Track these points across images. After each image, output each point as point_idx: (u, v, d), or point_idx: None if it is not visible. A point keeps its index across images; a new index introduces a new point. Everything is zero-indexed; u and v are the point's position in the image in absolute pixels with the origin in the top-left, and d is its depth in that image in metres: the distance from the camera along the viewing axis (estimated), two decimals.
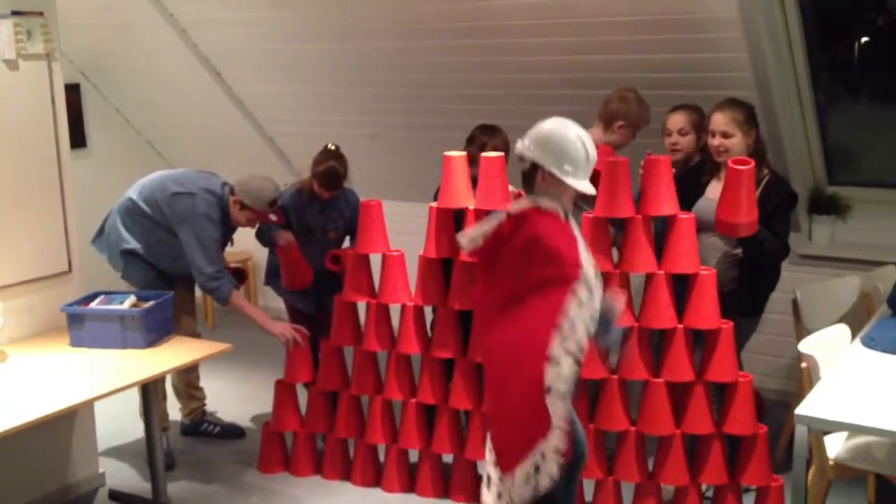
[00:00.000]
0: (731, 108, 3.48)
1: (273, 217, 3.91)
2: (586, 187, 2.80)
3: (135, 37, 5.38)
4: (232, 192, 3.90)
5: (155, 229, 3.90)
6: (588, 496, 3.58)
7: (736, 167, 3.21)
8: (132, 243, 3.93)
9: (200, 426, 4.36)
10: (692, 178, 3.63)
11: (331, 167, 3.93)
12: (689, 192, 3.53)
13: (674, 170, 3.39)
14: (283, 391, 3.96)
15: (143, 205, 3.91)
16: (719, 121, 3.47)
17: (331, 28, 4.69)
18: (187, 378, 4.25)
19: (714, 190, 3.54)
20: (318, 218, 4.08)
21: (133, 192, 3.97)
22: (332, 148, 4.02)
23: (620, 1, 3.83)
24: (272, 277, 4.23)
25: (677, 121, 3.78)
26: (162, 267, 3.96)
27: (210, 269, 3.80)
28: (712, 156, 3.54)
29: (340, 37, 4.72)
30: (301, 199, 4.08)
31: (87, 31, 5.39)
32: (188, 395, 4.30)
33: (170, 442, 4.17)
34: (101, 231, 4.08)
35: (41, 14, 3.56)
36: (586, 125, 3.69)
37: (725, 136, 3.46)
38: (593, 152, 2.82)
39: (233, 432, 4.39)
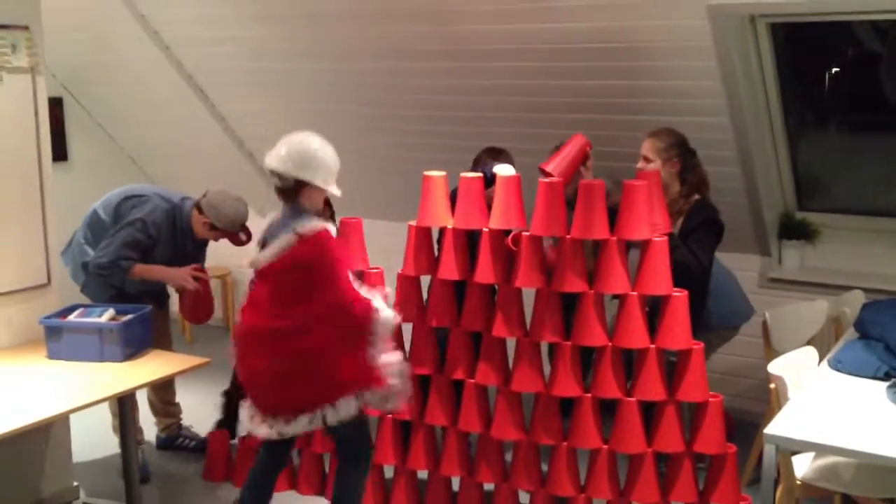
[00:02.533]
0: (656, 136, 3.73)
1: (243, 237, 3.94)
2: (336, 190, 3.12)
3: (118, 52, 5.41)
4: (199, 211, 3.92)
5: None
6: None
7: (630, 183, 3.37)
8: (90, 256, 3.94)
9: (176, 441, 4.36)
10: None
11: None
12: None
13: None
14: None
15: (102, 214, 3.96)
16: (644, 146, 3.73)
17: (315, 47, 4.74)
18: (163, 394, 4.26)
19: None
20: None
21: (96, 204, 4.01)
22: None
23: (597, 28, 3.91)
24: None
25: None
26: (125, 287, 3.98)
27: (105, 259, 3.82)
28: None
29: (324, 56, 4.78)
30: None
31: (72, 46, 5.41)
32: (164, 412, 4.31)
33: (144, 455, 4.16)
34: (69, 244, 4.10)
35: (26, 28, 3.59)
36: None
37: (646, 160, 3.72)
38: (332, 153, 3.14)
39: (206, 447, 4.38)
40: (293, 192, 3.08)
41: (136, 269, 3.89)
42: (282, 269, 3.02)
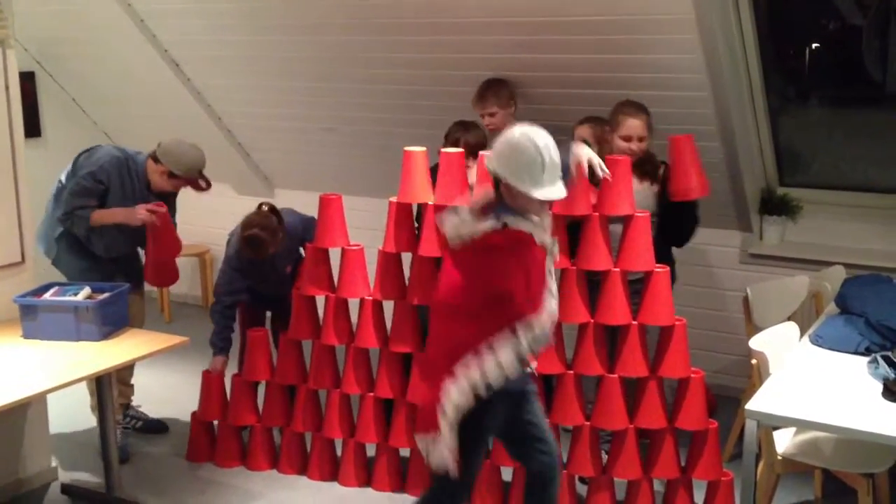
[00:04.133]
0: (643, 113, 3.69)
1: (203, 184, 3.88)
2: (547, 194, 2.67)
3: (92, 26, 5.31)
4: (156, 161, 3.85)
5: None
6: None
7: (678, 137, 3.55)
8: (81, 230, 3.88)
9: (123, 420, 4.25)
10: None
11: (253, 235, 3.78)
12: None
13: None
14: (240, 385, 3.95)
15: (63, 179, 3.91)
16: (637, 127, 3.66)
17: (290, 21, 4.67)
18: (120, 373, 4.16)
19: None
20: (270, 266, 4.01)
21: (60, 173, 3.97)
22: (264, 210, 3.92)
23: (577, 1, 3.87)
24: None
25: (583, 132, 3.86)
26: (95, 250, 3.92)
27: (60, 212, 3.80)
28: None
29: (300, 29, 4.70)
30: (245, 258, 3.95)
31: (44, 20, 5.30)
32: (118, 391, 4.21)
33: (124, 435, 4.13)
34: (41, 222, 4.05)
35: None
36: (543, 123, 3.75)
37: (641, 139, 3.67)
38: (550, 156, 2.67)
39: (156, 427, 4.33)
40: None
41: (95, 216, 3.82)
42: None
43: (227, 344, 4.03)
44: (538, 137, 2.67)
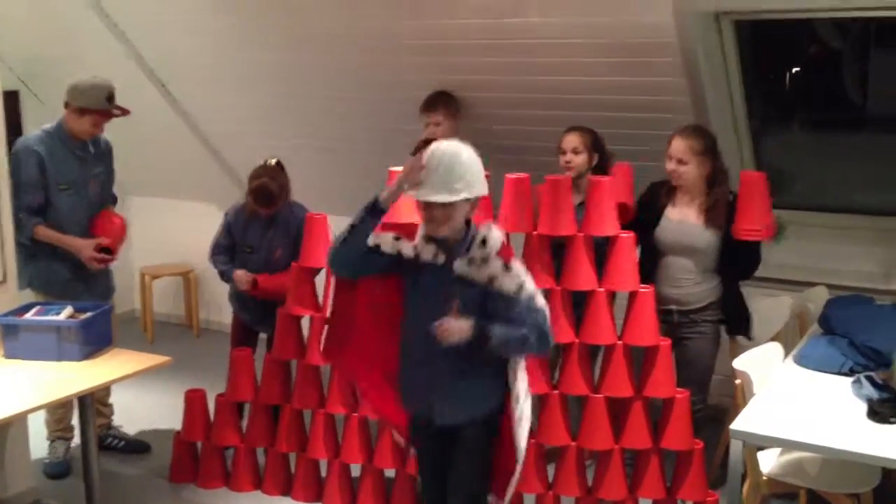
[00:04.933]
0: (691, 136, 3.57)
1: (117, 112, 3.84)
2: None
3: (77, 45, 5.29)
4: (66, 106, 3.81)
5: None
6: None
7: (750, 173, 3.47)
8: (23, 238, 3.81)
9: (104, 441, 4.21)
10: (645, 201, 3.70)
11: (262, 184, 3.88)
12: (642, 215, 3.65)
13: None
14: (224, 406, 3.92)
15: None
16: (679, 148, 3.55)
17: (277, 38, 4.68)
18: (97, 393, 4.11)
19: (677, 213, 3.64)
20: (261, 235, 4.05)
21: None
22: (271, 163, 3.98)
23: (560, 24, 3.90)
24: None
25: (571, 140, 3.84)
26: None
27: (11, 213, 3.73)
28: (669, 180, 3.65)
29: (286, 47, 4.71)
30: (244, 214, 4.05)
31: (29, 39, 5.29)
32: (97, 411, 4.17)
33: (69, 451, 4.08)
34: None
35: None
36: (526, 141, 3.78)
37: (681, 162, 3.55)
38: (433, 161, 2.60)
39: (138, 447, 4.29)
40: None
41: (40, 232, 3.79)
42: None
43: (228, 264, 4.07)
44: (443, 145, 2.63)
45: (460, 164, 2.60)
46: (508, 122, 4.53)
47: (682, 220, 3.61)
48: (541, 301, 2.67)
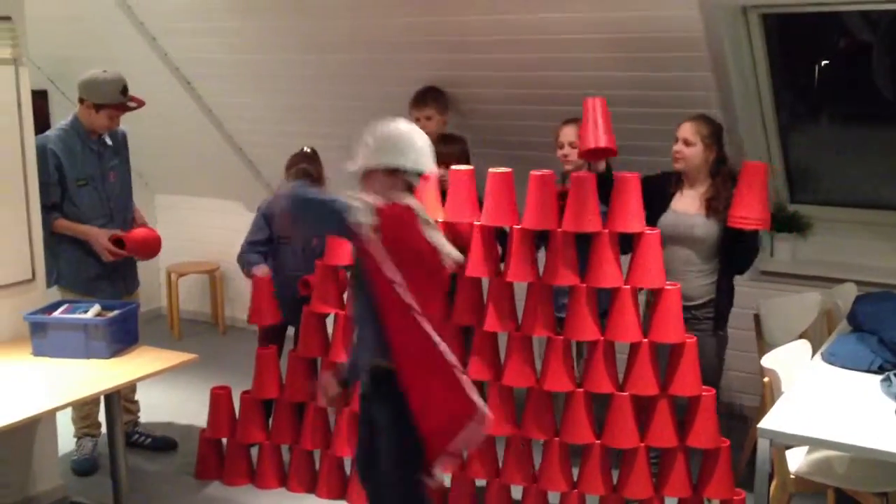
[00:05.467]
0: (699, 121, 3.63)
1: (133, 105, 3.86)
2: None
3: (104, 45, 5.34)
4: (81, 102, 3.83)
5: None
6: None
7: (752, 164, 3.48)
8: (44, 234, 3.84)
9: (131, 437, 4.24)
10: (655, 188, 3.68)
11: (303, 170, 3.93)
12: (652, 202, 3.60)
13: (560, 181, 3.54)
14: (249, 404, 3.94)
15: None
16: (686, 129, 3.61)
17: (300, 39, 4.70)
18: (123, 391, 4.13)
19: (680, 203, 3.64)
20: None
21: None
22: (307, 150, 4.02)
23: (586, 19, 3.88)
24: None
25: (569, 133, 3.81)
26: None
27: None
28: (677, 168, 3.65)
29: (310, 48, 4.73)
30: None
31: (57, 39, 5.34)
32: (123, 408, 4.19)
33: (96, 448, 4.12)
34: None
35: (9, 19, 3.54)
36: (548, 141, 3.77)
37: (686, 143, 3.59)
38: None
39: (164, 444, 4.31)
40: None
41: (60, 224, 3.84)
42: None
43: (259, 259, 4.05)
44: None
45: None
46: (521, 117, 4.51)
47: (685, 210, 3.63)
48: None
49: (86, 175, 3.92)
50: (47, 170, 3.80)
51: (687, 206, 3.65)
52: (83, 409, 4.09)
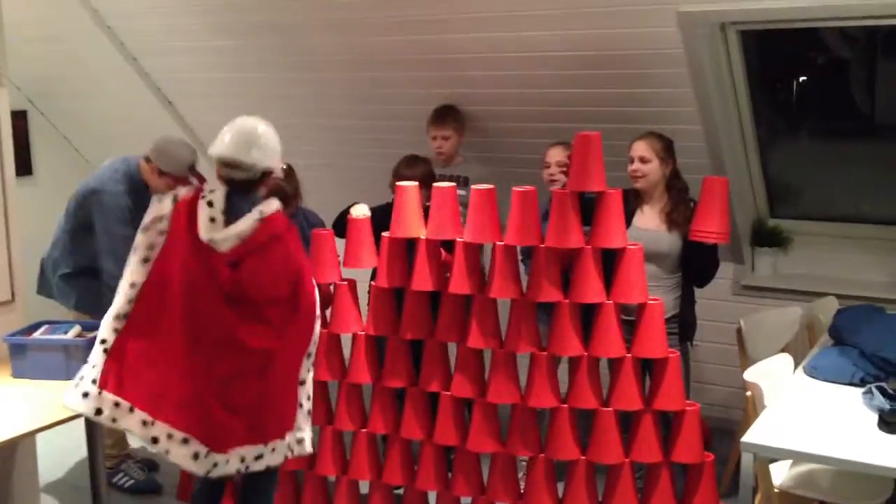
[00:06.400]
0: (650, 137, 3.70)
1: (195, 181, 3.86)
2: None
3: (84, 65, 5.33)
4: (147, 161, 3.83)
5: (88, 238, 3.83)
6: None
7: (713, 179, 3.51)
8: (77, 261, 3.85)
9: (112, 477, 4.08)
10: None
11: (276, 185, 3.90)
12: None
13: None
14: None
15: (72, 220, 3.87)
16: (639, 147, 3.67)
17: (281, 58, 4.70)
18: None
19: (641, 220, 3.71)
20: None
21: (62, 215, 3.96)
22: (283, 167, 4.01)
23: (565, 36, 3.91)
24: None
25: (556, 154, 3.89)
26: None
27: (118, 271, 3.67)
28: (636, 187, 3.71)
29: (291, 67, 4.73)
30: None
31: (36, 59, 5.33)
32: (113, 440, 4.11)
33: (139, 471, 4.11)
34: (41, 274, 4.01)
35: None
36: (535, 155, 3.78)
37: (643, 160, 3.65)
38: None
39: (146, 487, 4.14)
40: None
41: None
42: None
43: None
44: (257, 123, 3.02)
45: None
46: (507, 134, 4.54)
47: (647, 226, 3.68)
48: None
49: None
50: (122, 222, 3.75)
51: (647, 222, 3.69)
52: (111, 437, 4.04)
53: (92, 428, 3.51)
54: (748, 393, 3.13)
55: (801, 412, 3.00)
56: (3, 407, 3.11)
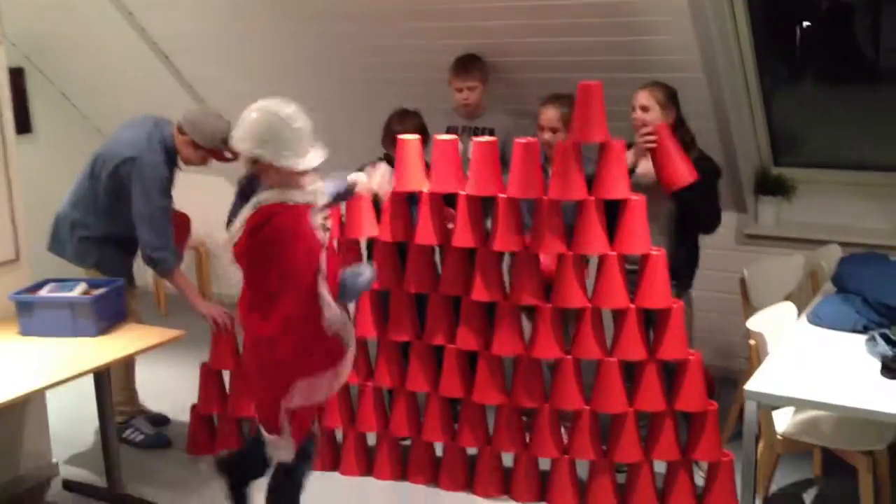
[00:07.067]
0: (651, 86, 3.65)
1: (229, 155, 3.86)
2: (309, 162, 2.77)
3: (80, 19, 5.27)
4: (181, 132, 3.82)
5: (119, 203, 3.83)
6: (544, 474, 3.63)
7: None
8: (105, 228, 3.87)
9: (122, 432, 4.11)
10: None
11: None
12: None
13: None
14: (239, 377, 3.95)
15: (102, 185, 3.84)
16: (642, 97, 3.63)
17: (280, 9, 4.64)
18: (121, 380, 4.08)
19: (643, 169, 3.64)
20: None
21: (84, 175, 3.92)
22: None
23: None
24: None
25: (550, 118, 3.82)
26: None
27: (157, 241, 3.77)
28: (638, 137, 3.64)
29: (292, 18, 4.67)
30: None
31: (32, 14, 5.26)
32: (123, 396, 4.15)
33: (149, 426, 4.18)
34: (54, 232, 4.01)
35: None
36: (533, 106, 3.74)
37: (644, 109, 3.62)
38: (299, 122, 2.79)
39: (156, 442, 4.17)
40: None
41: (179, 279, 3.91)
42: None
43: None
44: (281, 109, 2.79)
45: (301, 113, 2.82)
46: (520, 85, 4.50)
47: (648, 172, 3.61)
48: None
49: (172, 198, 3.92)
50: (165, 193, 3.80)
51: (650, 170, 3.64)
52: (123, 394, 4.08)
53: (101, 383, 3.56)
54: (751, 341, 3.15)
55: (804, 360, 3.02)
56: (13, 364, 3.15)
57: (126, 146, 3.81)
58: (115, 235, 3.90)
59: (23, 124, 5.34)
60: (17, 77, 5.43)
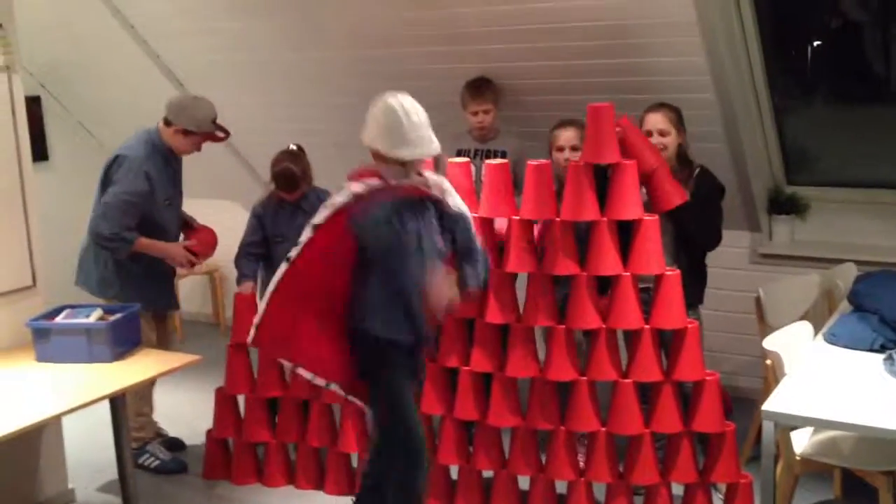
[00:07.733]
0: (664, 109, 3.66)
1: (221, 134, 3.88)
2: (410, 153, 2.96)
3: (95, 48, 5.34)
4: (167, 123, 3.83)
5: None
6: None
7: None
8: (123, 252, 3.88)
9: (139, 458, 4.10)
10: None
11: (285, 168, 3.93)
12: None
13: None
14: (254, 402, 3.95)
15: (100, 191, 3.88)
16: (657, 120, 3.63)
17: (296, 37, 4.69)
18: (137, 405, 4.08)
19: None
20: (289, 222, 4.05)
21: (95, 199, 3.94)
22: (292, 148, 4.02)
23: (576, 6, 3.88)
24: None
25: (570, 137, 3.82)
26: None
27: (108, 231, 3.76)
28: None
29: (303, 46, 4.72)
30: (271, 205, 4.07)
31: (48, 44, 5.34)
32: (136, 424, 4.13)
33: (164, 451, 4.17)
34: (80, 268, 4.03)
35: (0, 26, 3.53)
36: (542, 128, 3.74)
37: (662, 133, 3.62)
38: (414, 117, 2.99)
39: (172, 467, 4.16)
40: None
41: (141, 242, 3.86)
42: None
43: (251, 272, 4.09)
44: (398, 101, 2.99)
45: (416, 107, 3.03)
46: (529, 108, 4.51)
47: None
48: None
49: (169, 195, 3.95)
50: (139, 190, 3.80)
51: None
52: (138, 420, 4.08)
53: (117, 409, 3.56)
54: (768, 361, 3.13)
55: (822, 379, 3.00)
56: (29, 390, 3.16)
57: (117, 150, 3.90)
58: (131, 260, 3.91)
59: (39, 152, 5.38)
60: (33, 105, 5.48)
